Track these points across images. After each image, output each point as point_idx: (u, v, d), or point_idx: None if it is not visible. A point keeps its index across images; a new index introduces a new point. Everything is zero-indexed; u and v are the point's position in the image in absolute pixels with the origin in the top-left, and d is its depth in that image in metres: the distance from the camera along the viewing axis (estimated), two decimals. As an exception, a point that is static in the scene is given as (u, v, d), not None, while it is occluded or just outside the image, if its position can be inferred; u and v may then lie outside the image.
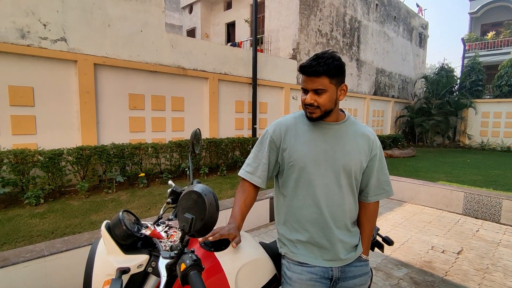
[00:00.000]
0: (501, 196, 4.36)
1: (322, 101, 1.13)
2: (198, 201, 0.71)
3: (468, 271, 2.91)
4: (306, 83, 1.14)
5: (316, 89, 1.12)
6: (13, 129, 4.89)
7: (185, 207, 0.73)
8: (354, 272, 1.25)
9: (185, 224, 0.71)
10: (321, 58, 1.10)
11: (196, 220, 0.70)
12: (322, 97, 1.13)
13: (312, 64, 1.10)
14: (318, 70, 1.09)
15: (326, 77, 1.11)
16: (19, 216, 3.81)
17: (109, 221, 0.91)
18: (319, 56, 1.11)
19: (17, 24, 4.82)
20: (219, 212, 0.73)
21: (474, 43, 19.26)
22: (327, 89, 1.12)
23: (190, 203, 0.72)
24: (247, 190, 1.28)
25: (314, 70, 1.09)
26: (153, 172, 5.99)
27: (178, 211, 0.75)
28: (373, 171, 1.28)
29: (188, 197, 0.73)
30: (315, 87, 1.12)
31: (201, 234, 0.72)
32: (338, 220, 1.21)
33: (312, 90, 1.13)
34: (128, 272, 0.84)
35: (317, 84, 1.11)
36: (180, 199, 0.74)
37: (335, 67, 1.11)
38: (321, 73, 1.10)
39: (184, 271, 0.73)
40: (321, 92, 1.12)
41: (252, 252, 1.18)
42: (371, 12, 13.28)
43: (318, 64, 1.09)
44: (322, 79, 1.11)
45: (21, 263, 2.12)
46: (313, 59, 1.11)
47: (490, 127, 14.76)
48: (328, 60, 1.10)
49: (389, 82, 15.14)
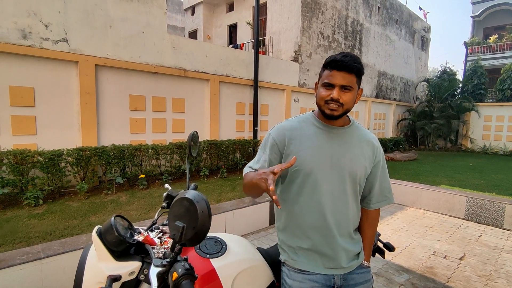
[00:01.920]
0: (504, 201, 4.30)
1: (346, 98, 1.09)
2: (190, 208, 0.67)
3: (470, 278, 2.87)
4: (334, 77, 1.08)
5: (345, 85, 1.08)
6: (14, 130, 4.88)
7: (177, 215, 0.70)
8: (356, 279, 1.22)
9: (175, 232, 0.68)
10: (351, 56, 1.07)
11: (187, 229, 0.67)
12: (347, 94, 1.09)
13: (346, 59, 1.05)
14: (352, 66, 1.06)
15: (355, 75, 1.08)
16: (18, 217, 3.79)
17: (100, 227, 0.88)
18: (348, 54, 1.08)
19: (19, 25, 4.82)
20: (211, 220, 0.70)
21: (477, 46, 19.21)
22: (353, 88, 1.10)
23: (181, 210, 0.69)
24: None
25: (348, 65, 1.05)
26: (153, 174, 5.97)
27: (169, 218, 0.72)
28: (377, 178, 1.26)
29: (179, 204, 0.70)
30: (345, 83, 1.07)
31: (192, 243, 0.69)
32: (342, 228, 1.18)
33: (340, 86, 1.08)
34: (119, 280, 0.81)
35: (347, 81, 1.07)
36: (172, 206, 0.71)
37: (362, 69, 1.10)
38: (353, 70, 1.07)
39: (176, 281, 0.70)
40: (348, 89, 1.09)
41: (249, 258, 1.15)
42: (373, 15, 13.27)
43: (352, 60, 1.06)
44: (352, 77, 1.08)
45: (17, 265, 2.10)
46: (344, 55, 1.07)
47: (493, 131, 14.69)
48: (358, 60, 1.08)
49: (391, 85, 15.11)
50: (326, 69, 1.12)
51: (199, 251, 1.06)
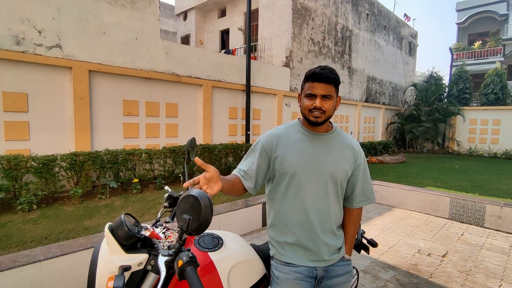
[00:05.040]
0: (485, 201, 4.52)
1: (328, 106, 1.24)
2: (195, 204, 0.80)
3: (451, 273, 3.04)
4: (315, 88, 1.23)
5: (325, 95, 1.23)
6: (6, 135, 4.90)
7: (183, 209, 0.82)
8: (337, 271, 1.35)
9: (183, 224, 0.80)
10: (328, 69, 1.23)
11: (193, 220, 0.80)
12: (328, 102, 1.24)
13: (324, 72, 1.21)
14: (330, 77, 1.22)
15: (333, 85, 1.24)
16: (12, 222, 3.82)
17: (111, 223, 0.99)
18: (325, 67, 1.24)
19: (12, 31, 4.86)
20: (213, 214, 0.82)
21: (462, 52, 19.88)
22: (333, 96, 1.25)
23: (187, 205, 0.82)
24: (238, 179, 1.32)
25: (327, 77, 1.22)
26: (147, 178, 6.03)
27: (177, 212, 0.84)
28: (358, 180, 1.39)
29: (186, 200, 0.83)
30: (325, 92, 1.23)
31: (197, 232, 0.82)
32: (324, 225, 1.31)
33: (321, 96, 1.23)
34: (129, 269, 0.92)
35: (327, 90, 1.23)
36: (179, 202, 0.84)
37: (339, 79, 1.27)
38: (331, 81, 1.23)
39: (182, 267, 0.82)
40: (328, 98, 1.24)
41: (243, 252, 1.27)
42: (362, 21, 13.63)
43: (329, 72, 1.22)
44: (331, 87, 1.23)
45: (17, 268, 2.16)
46: (322, 68, 1.23)
47: (478, 134, 15.17)
48: (334, 72, 1.25)
49: (380, 90, 15.48)
50: (308, 82, 1.27)
51: (198, 246, 1.18)
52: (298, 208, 1.29)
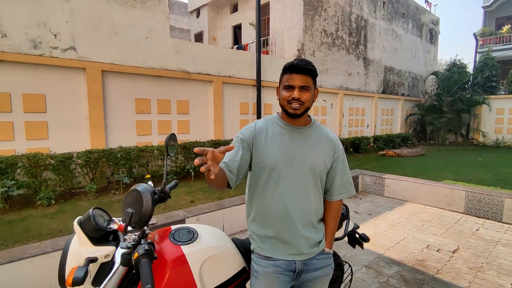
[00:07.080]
0: (503, 195, 4.29)
1: (306, 97, 1.24)
2: (138, 198, 0.83)
3: (460, 270, 2.92)
4: (293, 80, 1.23)
5: (303, 86, 1.23)
6: (27, 135, 5.19)
7: (128, 203, 0.86)
8: (316, 264, 1.35)
9: (126, 217, 0.83)
10: (305, 61, 1.24)
11: (135, 214, 0.82)
12: (306, 94, 1.24)
13: (301, 63, 1.22)
14: (308, 69, 1.23)
15: (311, 77, 1.25)
16: (32, 216, 4.06)
17: (81, 217, 1.04)
18: (303, 59, 1.25)
19: (29, 35, 5.11)
20: (154, 208, 0.84)
21: (489, 37, 18.69)
22: (311, 88, 1.26)
23: (132, 199, 0.85)
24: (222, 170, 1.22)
25: (304, 68, 1.22)
26: (159, 174, 6.19)
27: (123, 206, 0.88)
28: (337, 172, 1.38)
29: (131, 194, 0.86)
30: (303, 83, 1.23)
31: (139, 226, 0.85)
32: (303, 218, 1.31)
33: (300, 87, 1.23)
34: (95, 261, 0.96)
35: (305, 82, 1.23)
36: (126, 196, 0.87)
37: (316, 71, 1.27)
38: (309, 72, 1.23)
39: (136, 259, 0.85)
40: (306, 89, 1.24)
41: (218, 246, 1.29)
42: (378, 10, 13.15)
43: (307, 64, 1.23)
44: (308, 78, 1.24)
45: (27, 259, 2.31)
46: (299, 60, 1.24)
47: (506, 123, 14.33)
48: (311, 64, 1.25)
49: (398, 80, 14.93)
50: (286, 74, 1.27)
51: (173, 239, 1.21)
52: (278, 201, 1.29)
